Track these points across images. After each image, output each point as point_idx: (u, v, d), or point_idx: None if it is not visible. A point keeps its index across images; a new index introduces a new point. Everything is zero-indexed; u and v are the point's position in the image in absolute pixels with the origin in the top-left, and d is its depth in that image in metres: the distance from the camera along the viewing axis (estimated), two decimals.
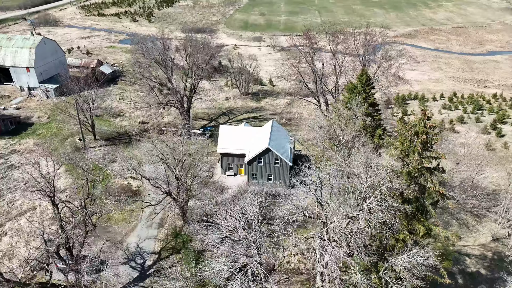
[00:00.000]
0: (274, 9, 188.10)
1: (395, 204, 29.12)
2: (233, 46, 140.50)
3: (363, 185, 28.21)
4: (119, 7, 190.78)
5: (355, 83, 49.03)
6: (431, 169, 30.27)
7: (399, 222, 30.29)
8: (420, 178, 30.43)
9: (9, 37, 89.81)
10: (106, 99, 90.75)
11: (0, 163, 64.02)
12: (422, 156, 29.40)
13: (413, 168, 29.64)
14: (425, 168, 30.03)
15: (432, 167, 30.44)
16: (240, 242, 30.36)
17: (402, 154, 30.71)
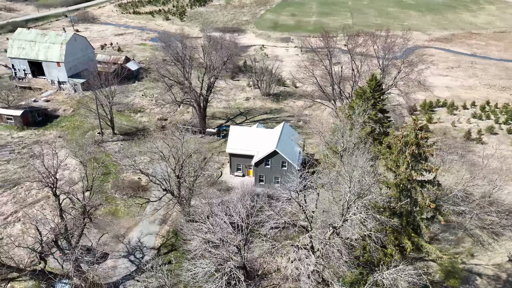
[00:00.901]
0: (305, 9, 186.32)
1: (380, 216, 27.83)
2: (260, 47, 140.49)
3: (346, 195, 27.20)
4: (154, 6, 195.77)
5: (364, 87, 47.48)
6: (423, 182, 28.66)
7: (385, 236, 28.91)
8: (412, 191, 28.89)
9: (43, 33, 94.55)
10: (129, 95, 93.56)
11: (23, 152, 67.51)
12: (413, 168, 27.91)
13: (400, 180, 28.19)
14: (416, 181, 28.49)
15: (423, 180, 28.83)
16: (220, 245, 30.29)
17: (393, 165, 29.32)
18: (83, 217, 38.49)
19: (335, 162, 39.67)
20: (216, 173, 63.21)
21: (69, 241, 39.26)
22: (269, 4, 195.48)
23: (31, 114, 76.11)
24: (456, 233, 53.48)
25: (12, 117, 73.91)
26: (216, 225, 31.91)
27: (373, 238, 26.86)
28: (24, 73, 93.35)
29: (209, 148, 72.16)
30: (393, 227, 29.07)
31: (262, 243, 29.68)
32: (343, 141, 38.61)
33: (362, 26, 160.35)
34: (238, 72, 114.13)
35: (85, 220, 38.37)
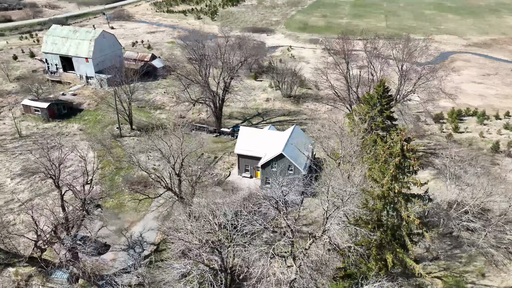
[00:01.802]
0: (337, 11, 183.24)
1: (360, 229, 26.66)
2: (288, 48, 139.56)
3: (324, 204, 26.30)
4: (188, 4, 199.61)
5: (372, 93, 45.89)
6: (409, 195, 27.14)
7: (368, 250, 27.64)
8: (398, 204, 27.45)
9: (75, 29, 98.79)
10: (152, 92, 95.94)
11: (45, 143, 70.72)
12: (398, 181, 26.47)
13: (383, 192, 26.84)
14: (402, 194, 27.02)
15: (411, 193, 27.27)
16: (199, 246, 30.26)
17: (379, 175, 27.99)
18: (81, 209, 39.78)
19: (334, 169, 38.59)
20: (224, 173, 63.42)
21: (68, 231, 40.72)
22: (301, 5, 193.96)
23: (57, 107, 79.71)
24: (468, 250, 50.59)
25: (39, 109, 77.75)
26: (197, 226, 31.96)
27: (353, 251, 25.80)
28: (56, 67, 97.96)
29: (221, 148, 72.59)
30: (380, 241, 27.78)
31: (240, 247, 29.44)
32: (342, 147, 37.46)
33: (395, 29, 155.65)
34: (262, 73, 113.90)
35: (83, 213, 39.62)
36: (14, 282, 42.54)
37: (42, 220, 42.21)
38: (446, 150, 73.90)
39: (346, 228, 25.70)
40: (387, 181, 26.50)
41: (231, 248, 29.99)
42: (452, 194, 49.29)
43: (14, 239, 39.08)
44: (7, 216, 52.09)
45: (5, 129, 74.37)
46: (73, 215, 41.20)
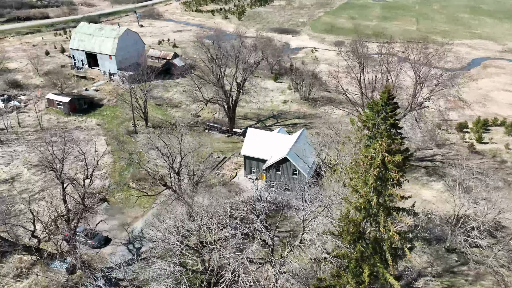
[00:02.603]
0: (366, 13, 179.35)
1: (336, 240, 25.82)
2: (312, 49, 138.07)
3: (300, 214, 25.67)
4: (217, 4, 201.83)
5: (377, 100, 44.42)
6: (390, 208, 25.96)
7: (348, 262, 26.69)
8: (379, 217, 26.34)
9: (100, 27, 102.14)
10: (171, 90, 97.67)
11: (63, 136, 73.54)
12: (380, 193, 25.35)
13: (360, 204, 25.80)
14: (382, 206, 25.87)
15: (395, 207, 26.05)
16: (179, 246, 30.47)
17: (361, 186, 26.95)
18: (81, 203, 41.09)
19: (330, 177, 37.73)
20: (231, 174, 63.55)
21: (68, 224, 42.18)
22: (329, 6, 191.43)
23: (78, 102, 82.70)
24: (475, 268, 48.11)
25: (62, 103, 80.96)
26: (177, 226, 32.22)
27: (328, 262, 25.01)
28: (82, 63, 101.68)
29: (232, 148, 72.78)
30: (361, 254, 26.75)
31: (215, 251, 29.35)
32: (337, 155, 36.55)
33: (425, 33, 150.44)
34: (283, 74, 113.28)
35: (81, 206, 40.90)
36: (17, 268, 44.47)
37: (46, 211, 44.06)
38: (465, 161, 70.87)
39: (322, 238, 24.98)
40: (365, 192, 25.53)
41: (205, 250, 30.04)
42: (461, 208, 47.08)
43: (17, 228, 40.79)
44: (19, 205, 54.52)
45: (29, 121, 77.93)
46: (74, 208, 42.60)
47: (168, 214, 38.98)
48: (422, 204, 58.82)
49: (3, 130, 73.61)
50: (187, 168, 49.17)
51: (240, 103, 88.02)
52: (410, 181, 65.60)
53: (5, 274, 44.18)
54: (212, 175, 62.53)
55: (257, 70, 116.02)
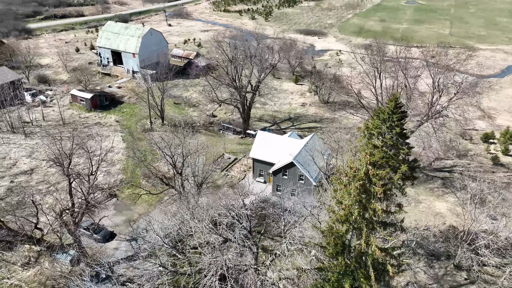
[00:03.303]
0: (397, 15, 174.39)
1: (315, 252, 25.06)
2: (337, 52, 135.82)
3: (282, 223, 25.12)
4: (245, 4, 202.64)
5: (384, 108, 43.04)
6: (374, 222, 24.85)
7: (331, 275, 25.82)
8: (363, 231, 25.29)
9: (126, 26, 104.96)
10: (190, 89, 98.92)
11: (83, 131, 76.23)
12: (365, 206, 24.33)
13: (341, 216, 24.84)
14: (367, 220, 24.81)
15: (378, 220, 24.94)
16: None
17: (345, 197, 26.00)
18: (84, 199, 42.38)
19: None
20: (239, 176, 63.54)
21: (73, 217, 43.60)
22: (359, 8, 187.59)
23: (99, 98, 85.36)
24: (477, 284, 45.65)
25: (84, 99, 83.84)
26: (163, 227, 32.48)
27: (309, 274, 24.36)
28: (107, 61, 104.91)
29: (244, 150, 72.74)
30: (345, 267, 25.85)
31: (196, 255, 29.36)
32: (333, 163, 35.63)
33: (459, 37, 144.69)
34: (305, 77, 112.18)
35: (84, 202, 42.18)
36: (26, 257, 46.48)
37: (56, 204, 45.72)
38: (485, 173, 67.39)
39: (305, 249, 24.37)
40: (346, 205, 24.61)
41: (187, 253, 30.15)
42: (472, 223, 44.83)
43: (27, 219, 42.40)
44: (35, 196, 56.86)
45: (53, 115, 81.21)
46: (78, 203, 44.00)
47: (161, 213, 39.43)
48: (435, 218, 56.58)
49: (28, 123, 77.10)
50: (192, 168, 49.53)
51: (257, 105, 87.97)
52: (425, 191, 63.71)
53: (14, 262, 46.33)
54: (220, 175, 62.82)
55: (278, 71, 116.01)
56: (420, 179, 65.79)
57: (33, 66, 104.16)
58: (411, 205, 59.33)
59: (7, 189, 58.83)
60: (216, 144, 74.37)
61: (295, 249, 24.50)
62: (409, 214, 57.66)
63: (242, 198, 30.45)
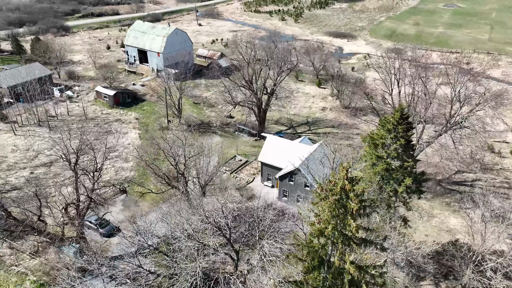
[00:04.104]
0: (433, 19, 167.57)
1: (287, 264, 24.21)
2: (365, 55, 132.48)
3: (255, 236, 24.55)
4: (276, 5, 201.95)
5: (389, 118, 41.41)
6: (351, 239, 23.64)
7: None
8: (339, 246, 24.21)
9: (153, 26, 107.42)
10: (211, 89, 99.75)
11: (104, 127, 78.80)
12: (340, 222, 23.26)
13: (315, 231, 23.81)
14: (343, 236, 23.65)
15: (356, 237, 23.72)
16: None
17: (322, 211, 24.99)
18: (87, 195, 43.73)
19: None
20: (248, 179, 63.31)
21: (78, 212, 45.11)
22: (393, 11, 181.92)
23: (122, 96, 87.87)
24: None
25: (107, 96, 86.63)
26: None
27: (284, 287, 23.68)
28: (134, 59, 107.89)
29: (257, 152, 72.36)
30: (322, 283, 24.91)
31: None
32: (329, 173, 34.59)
33: (499, 43, 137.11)
34: (329, 80, 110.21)
35: (87, 198, 43.52)
36: (35, 246, 48.61)
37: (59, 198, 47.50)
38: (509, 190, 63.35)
39: (280, 261, 23.73)
40: (322, 219, 23.62)
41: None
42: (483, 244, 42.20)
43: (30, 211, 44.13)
44: (51, 188, 59.43)
45: (77, 111, 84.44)
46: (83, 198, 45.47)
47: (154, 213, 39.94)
48: (447, 234, 53.85)
49: (54, 117, 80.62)
50: (196, 169, 49.85)
51: (274, 107, 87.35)
52: (440, 205, 60.73)
53: (23, 250, 48.58)
54: (228, 177, 62.88)
55: (302, 74, 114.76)
56: (437, 192, 62.91)
57: (65, 62, 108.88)
58: (423, 219, 56.82)
59: (26, 180, 61.75)
60: (230, 145, 74.54)
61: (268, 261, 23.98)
62: (419, 228, 55.31)
63: (222, 206, 30.20)
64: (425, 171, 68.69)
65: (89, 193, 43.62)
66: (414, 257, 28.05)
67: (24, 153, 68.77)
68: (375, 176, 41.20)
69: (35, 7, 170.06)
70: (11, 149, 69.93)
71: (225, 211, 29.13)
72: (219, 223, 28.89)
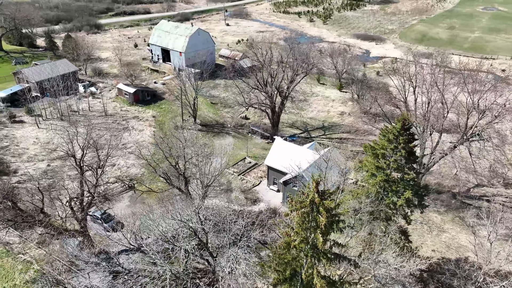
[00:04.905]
0: (470, 23, 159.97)
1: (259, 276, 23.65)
2: (392, 60, 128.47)
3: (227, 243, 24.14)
4: (306, 6, 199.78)
5: (391, 128, 39.83)
6: (320, 253, 22.69)
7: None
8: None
9: (176, 25, 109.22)
10: (230, 90, 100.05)
11: (121, 124, 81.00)
12: (307, 236, 22.37)
13: (282, 243, 23.04)
14: (314, 250, 22.77)
15: (328, 251, 22.76)
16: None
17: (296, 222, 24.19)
18: (91, 192, 45.12)
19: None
20: (254, 182, 63.05)
21: (82, 206, 46.61)
22: (427, 14, 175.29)
23: (142, 93, 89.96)
24: None
25: (127, 93, 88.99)
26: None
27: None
28: (157, 58, 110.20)
29: (266, 156, 72.00)
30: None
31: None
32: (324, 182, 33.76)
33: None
34: (351, 84, 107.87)
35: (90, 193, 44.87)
36: (42, 236, 50.66)
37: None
38: None
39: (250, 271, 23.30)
40: (286, 232, 22.90)
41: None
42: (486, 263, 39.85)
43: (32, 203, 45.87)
44: (65, 180, 61.70)
45: (98, 106, 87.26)
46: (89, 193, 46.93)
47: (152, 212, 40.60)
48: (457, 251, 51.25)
49: (76, 112, 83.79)
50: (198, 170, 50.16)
51: (292, 110, 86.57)
52: (453, 220, 57.82)
53: (32, 240, 50.81)
54: (235, 179, 62.92)
55: (324, 77, 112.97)
56: (451, 206, 60.03)
57: (93, 59, 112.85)
58: (432, 233, 54.44)
59: (43, 172, 64.54)
60: (241, 146, 74.58)
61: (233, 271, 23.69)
62: (427, 243, 53.02)
63: (197, 211, 30.10)
64: (441, 182, 66.20)
65: (90, 188, 44.87)
66: (398, 274, 26.74)
67: (44, 145, 71.88)
68: (373, 187, 39.88)
69: (73, 6, 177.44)
70: (33, 141, 73.33)
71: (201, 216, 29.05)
72: (195, 228, 28.90)
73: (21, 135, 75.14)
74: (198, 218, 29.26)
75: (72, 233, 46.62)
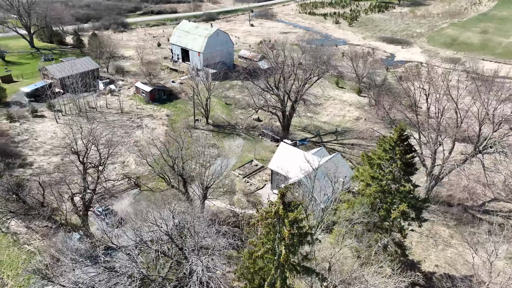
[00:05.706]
0: (506, 27, 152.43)
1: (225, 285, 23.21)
2: (417, 64, 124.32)
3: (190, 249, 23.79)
4: (333, 8, 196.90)
5: (388, 138, 38.41)
6: (286, 265, 21.91)
7: None
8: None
9: (196, 26, 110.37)
10: (245, 91, 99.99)
11: (135, 122, 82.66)
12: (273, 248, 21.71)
13: (247, 253, 22.43)
14: (278, 262, 22.04)
15: (296, 263, 21.98)
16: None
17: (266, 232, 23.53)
18: (93, 189, 46.37)
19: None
20: (258, 185, 62.68)
21: (84, 202, 47.99)
22: (459, 17, 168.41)
23: (158, 92, 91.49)
24: None
25: (144, 92, 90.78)
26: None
27: None
28: (177, 57, 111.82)
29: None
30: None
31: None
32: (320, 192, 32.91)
33: None
34: (370, 88, 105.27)
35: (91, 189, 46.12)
36: (49, 228, 52.53)
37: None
38: None
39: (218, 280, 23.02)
40: (252, 242, 22.34)
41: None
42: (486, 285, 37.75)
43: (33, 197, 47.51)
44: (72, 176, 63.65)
45: (115, 104, 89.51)
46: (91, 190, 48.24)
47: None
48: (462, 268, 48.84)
49: (93, 109, 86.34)
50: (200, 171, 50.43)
51: (305, 113, 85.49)
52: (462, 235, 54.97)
53: (37, 231, 52.77)
54: (240, 181, 62.79)
55: (343, 80, 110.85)
56: (462, 220, 57.29)
57: (117, 57, 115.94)
58: (437, 248, 52.16)
59: (56, 166, 66.89)
60: (250, 149, 74.37)
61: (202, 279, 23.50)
62: (430, 257, 50.84)
63: (172, 215, 30.14)
64: (453, 194, 63.32)
65: (90, 185, 46.06)
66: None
67: (60, 140, 74.48)
68: (367, 197, 38.68)
69: (103, 4, 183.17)
70: (50, 135, 76.18)
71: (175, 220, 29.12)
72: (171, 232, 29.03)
73: (40, 129, 78.21)
74: (174, 223, 29.44)
75: (69, 228, 47.98)
